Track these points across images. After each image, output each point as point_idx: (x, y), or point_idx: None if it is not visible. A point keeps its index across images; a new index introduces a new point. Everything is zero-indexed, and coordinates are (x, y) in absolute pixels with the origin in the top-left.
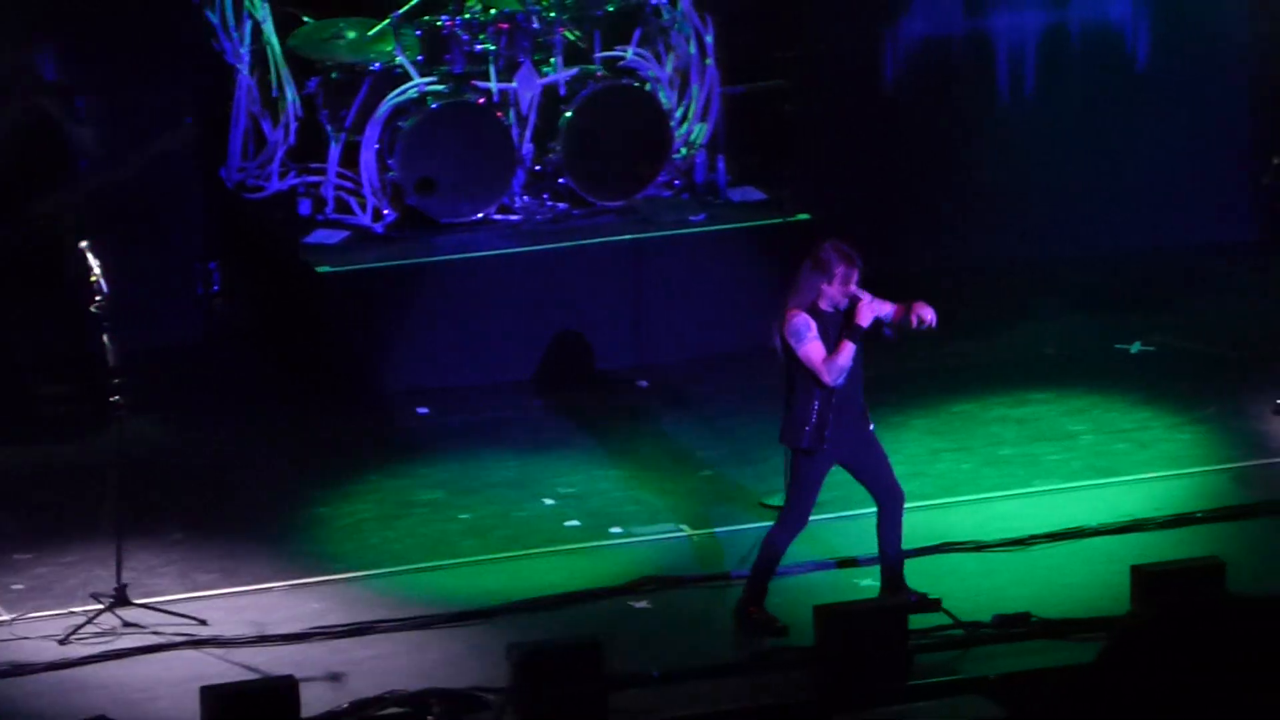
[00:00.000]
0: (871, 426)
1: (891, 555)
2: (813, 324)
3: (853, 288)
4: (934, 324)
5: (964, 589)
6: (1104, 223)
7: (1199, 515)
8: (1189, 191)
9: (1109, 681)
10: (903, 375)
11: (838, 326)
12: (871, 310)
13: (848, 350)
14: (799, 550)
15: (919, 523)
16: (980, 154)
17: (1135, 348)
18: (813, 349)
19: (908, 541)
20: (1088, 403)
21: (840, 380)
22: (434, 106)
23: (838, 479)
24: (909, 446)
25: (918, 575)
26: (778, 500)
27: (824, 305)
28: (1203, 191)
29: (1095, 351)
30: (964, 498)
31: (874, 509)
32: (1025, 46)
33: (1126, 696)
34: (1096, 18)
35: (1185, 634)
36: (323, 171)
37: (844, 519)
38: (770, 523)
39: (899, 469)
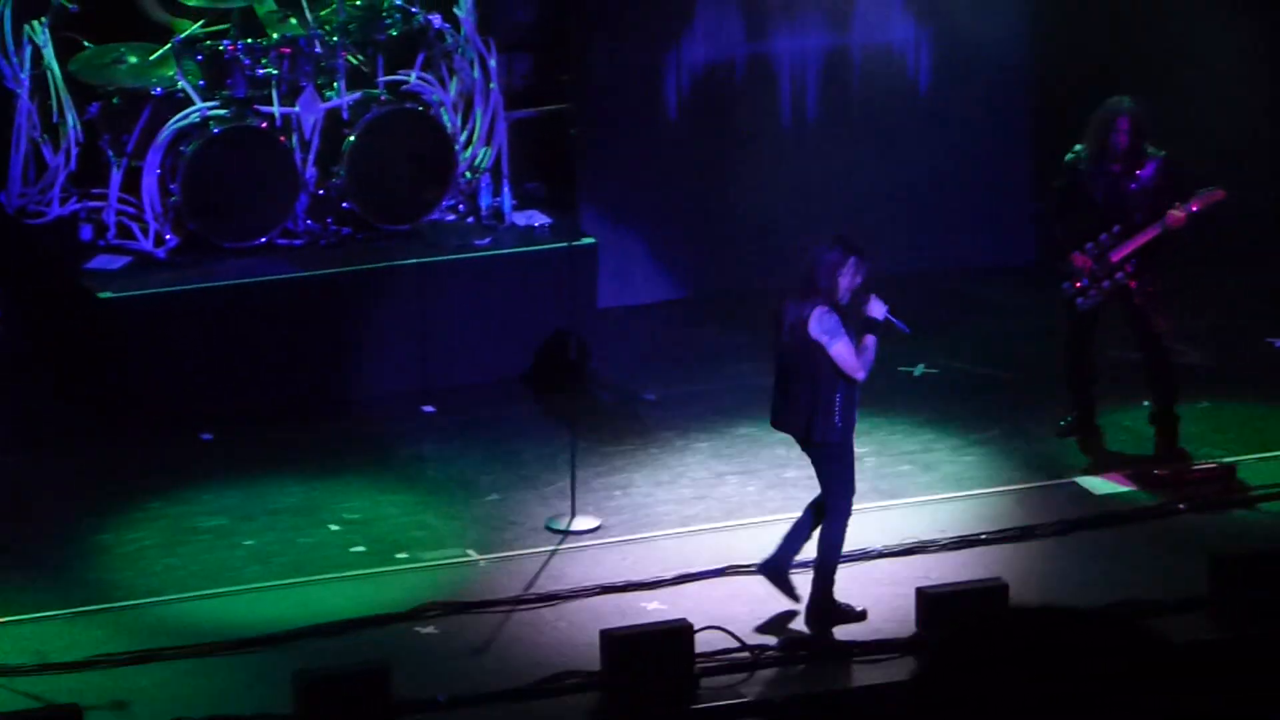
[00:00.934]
0: None
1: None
2: (839, 319)
3: (860, 280)
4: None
5: (749, 612)
6: (886, 246)
7: (983, 537)
8: (970, 215)
9: (919, 700)
10: (688, 397)
11: (848, 319)
12: (881, 302)
13: (873, 344)
14: (593, 573)
15: (704, 545)
16: (764, 177)
17: (918, 370)
18: (847, 346)
19: (695, 562)
20: (871, 425)
21: (868, 374)
22: (216, 131)
23: (630, 501)
24: (693, 470)
25: (704, 599)
26: (562, 525)
27: (841, 300)
28: (983, 215)
29: (878, 374)
30: (749, 520)
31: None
32: (807, 70)
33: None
34: (878, 42)
35: (979, 652)
36: (104, 197)
37: (632, 541)
38: (576, 545)
39: (683, 493)
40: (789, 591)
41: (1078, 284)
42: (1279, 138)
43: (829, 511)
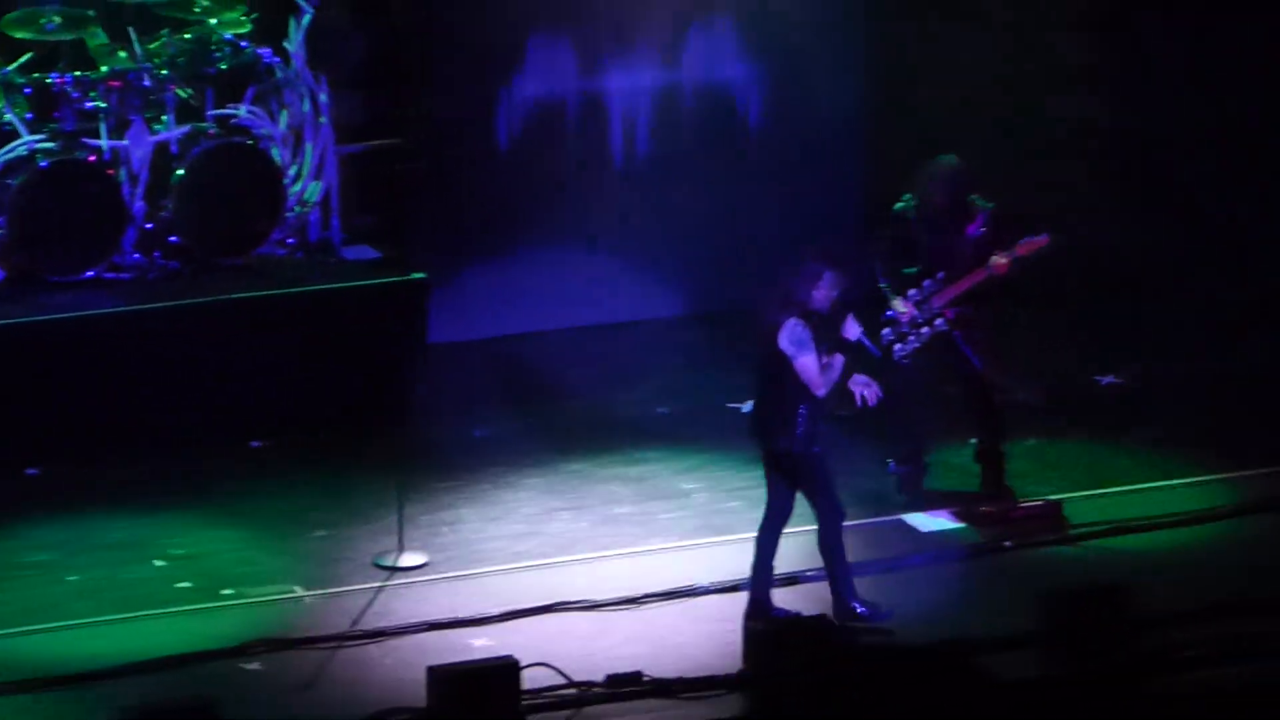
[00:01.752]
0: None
1: (832, 571)
2: (810, 334)
3: (836, 293)
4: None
5: (577, 648)
6: (718, 282)
7: (809, 574)
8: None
9: None
10: (517, 434)
11: (821, 334)
12: (857, 323)
13: (839, 363)
14: (420, 610)
15: (534, 582)
16: (596, 214)
17: (747, 407)
18: (811, 360)
19: (523, 598)
20: (701, 461)
21: (828, 391)
22: (43, 164)
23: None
24: (525, 506)
25: (533, 635)
26: (390, 561)
27: (819, 309)
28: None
29: (708, 410)
30: (579, 556)
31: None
32: (639, 107)
33: None
34: (710, 80)
35: (807, 688)
36: None
37: (461, 577)
38: (404, 581)
39: (513, 529)
40: (789, 616)
41: (898, 331)
42: (1103, 179)
43: (817, 514)
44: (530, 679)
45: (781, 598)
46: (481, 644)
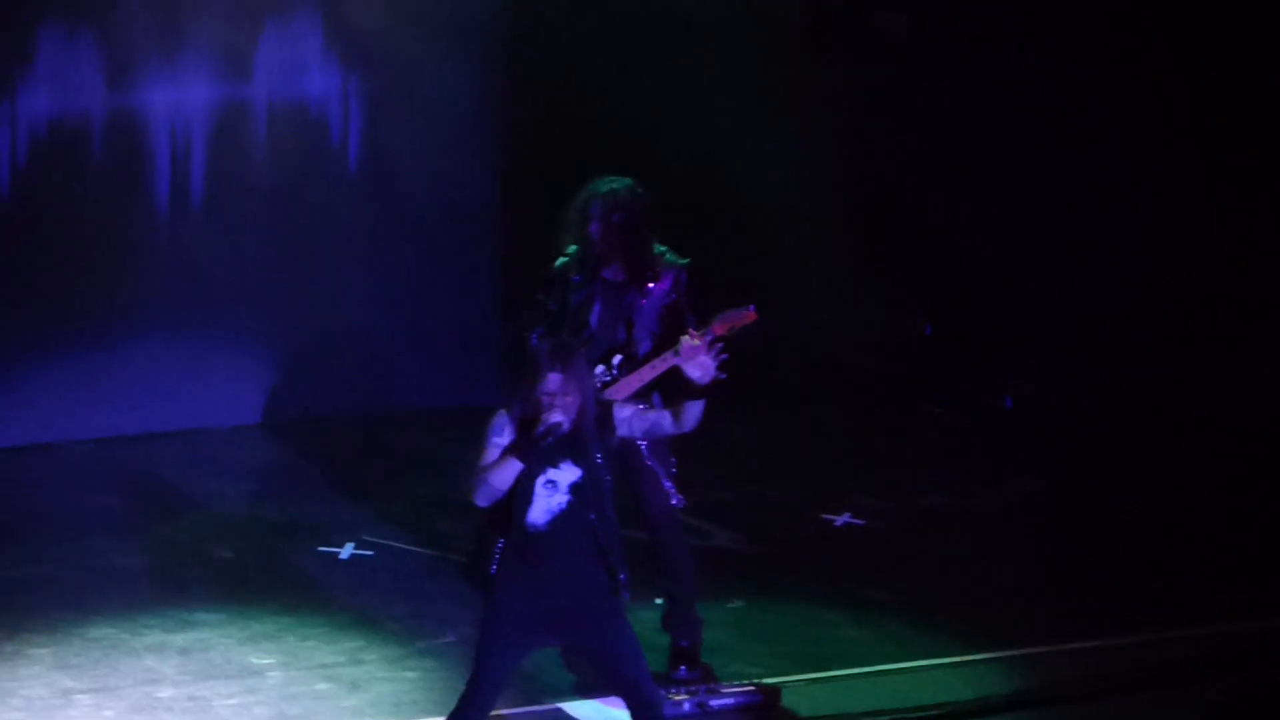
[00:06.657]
0: (623, 597)
1: None
2: (507, 427)
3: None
4: None
5: None
6: (303, 381)
7: None
8: (421, 337)
9: None
10: (19, 586)
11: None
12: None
13: (505, 473)
14: None
15: None
16: (133, 284)
17: (347, 552)
18: (492, 456)
19: None
20: (277, 626)
21: (487, 502)
22: None
23: None
24: (29, 686)
25: None
26: None
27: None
28: (439, 339)
29: (288, 555)
30: None
31: None
32: (194, 136)
33: None
34: (291, 99)
35: None
36: None
37: None
38: None
39: (13, 717)
40: None
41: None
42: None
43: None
44: None
45: None
46: None
